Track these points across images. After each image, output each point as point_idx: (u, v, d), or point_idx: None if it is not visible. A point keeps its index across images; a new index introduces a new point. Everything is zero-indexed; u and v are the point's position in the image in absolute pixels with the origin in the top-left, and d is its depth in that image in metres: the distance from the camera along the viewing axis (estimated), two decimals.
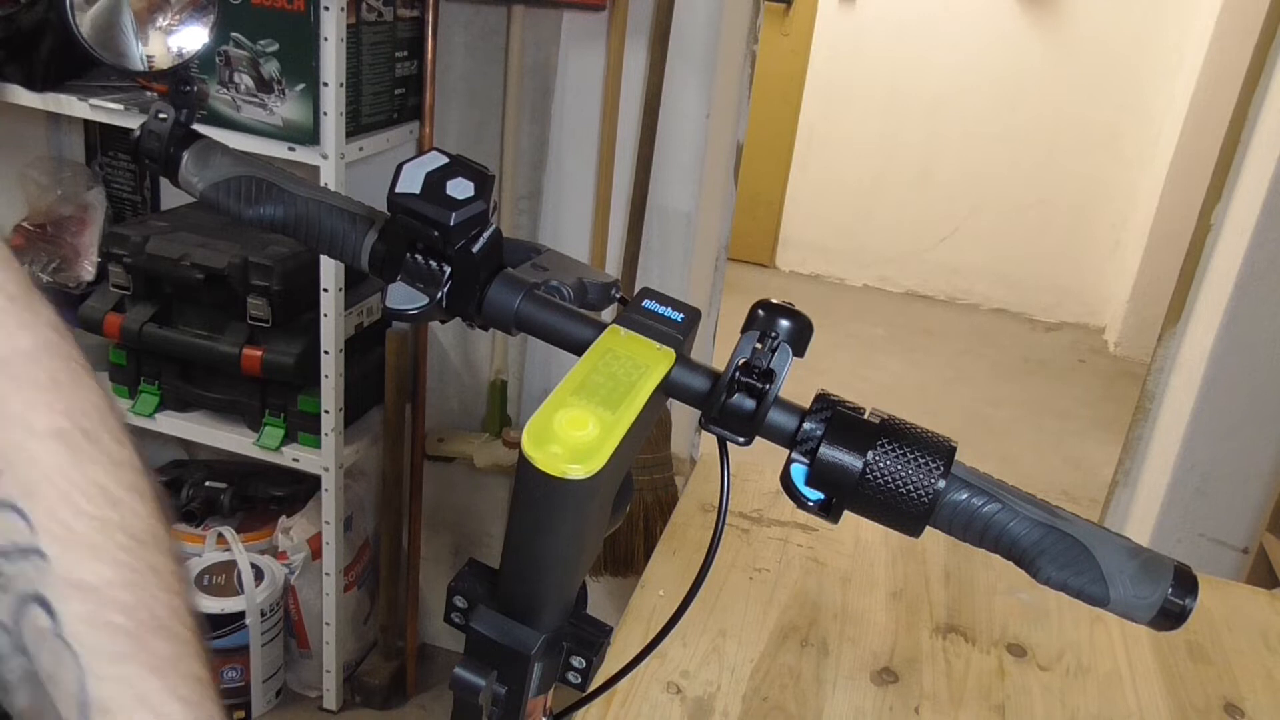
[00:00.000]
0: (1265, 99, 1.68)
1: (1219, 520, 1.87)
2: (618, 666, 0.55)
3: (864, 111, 4.61)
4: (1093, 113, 4.31)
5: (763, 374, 0.47)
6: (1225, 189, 1.72)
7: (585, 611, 0.50)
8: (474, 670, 0.46)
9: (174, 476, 2.02)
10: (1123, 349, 4.34)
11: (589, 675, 0.49)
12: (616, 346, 0.47)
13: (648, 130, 1.80)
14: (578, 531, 0.44)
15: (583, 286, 0.53)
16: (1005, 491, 0.48)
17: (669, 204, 1.87)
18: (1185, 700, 0.97)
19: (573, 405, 0.42)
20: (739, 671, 0.94)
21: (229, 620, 1.84)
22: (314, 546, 1.97)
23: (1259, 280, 1.73)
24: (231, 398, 1.84)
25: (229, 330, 1.76)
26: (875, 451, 0.46)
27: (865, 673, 0.96)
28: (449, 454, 2.05)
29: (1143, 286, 4.16)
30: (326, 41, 1.53)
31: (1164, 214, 4.03)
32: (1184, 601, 0.47)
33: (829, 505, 0.47)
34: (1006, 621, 1.06)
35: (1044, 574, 0.47)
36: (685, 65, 1.78)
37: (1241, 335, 1.76)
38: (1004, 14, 4.34)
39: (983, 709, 0.93)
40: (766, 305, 0.48)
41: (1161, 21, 4.14)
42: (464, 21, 1.85)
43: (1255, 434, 1.80)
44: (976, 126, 4.49)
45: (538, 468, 0.40)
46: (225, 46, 1.58)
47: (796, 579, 1.09)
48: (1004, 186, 4.54)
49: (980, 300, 4.79)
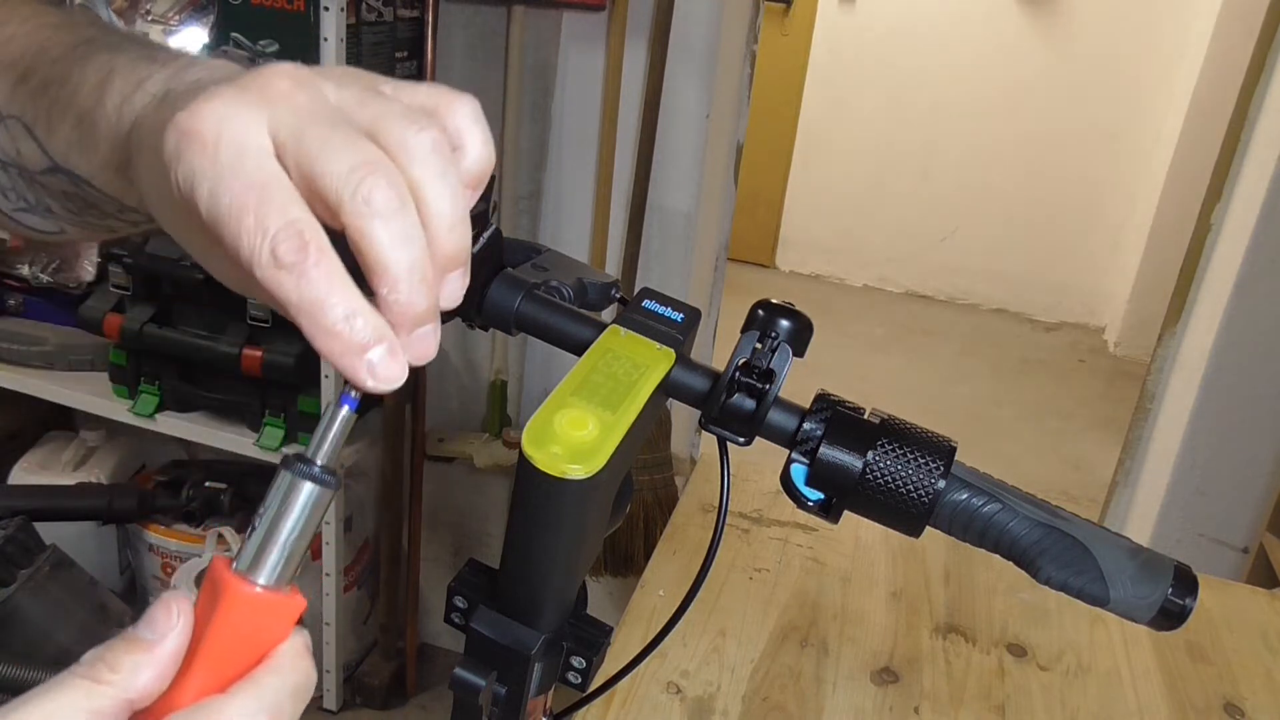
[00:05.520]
0: (1265, 99, 1.68)
1: (1219, 520, 1.87)
2: (618, 666, 0.55)
3: (864, 111, 4.61)
4: (1093, 112, 4.31)
5: (763, 374, 0.47)
6: (1225, 189, 1.72)
7: (585, 611, 0.50)
8: (474, 670, 0.46)
9: (174, 476, 2.02)
10: (1123, 349, 4.34)
11: (589, 675, 0.49)
12: (616, 346, 0.47)
13: (648, 130, 1.80)
14: (578, 531, 0.44)
15: (583, 286, 0.53)
16: (1005, 491, 0.47)
17: (669, 204, 1.87)
18: (1185, 700, 0.97)
19: (573, 405, 0.42)
20: (739, 671, 0.94)
21: None
22: (314, 546, 1.97)
23: (1259, 280, 1.73)
24: (231, 398, 1.84)
25: (229, 330, 1.76)
26: (875, 451, 0.46)
27: (865, 673, 0.96)
28: (449, 454, 2.05)
29: (1143, 286, 4.16)
30: (326, 41, 1.53)
31: (1164, 214, 4.03)
32: (1184, 601, 0.46)
33: (829, 505, 0.47)
34: (1006, 621, 1.06)
35: (1044, 574, 0.47)
36: (685, 65, 1.78)
37: (1241, 335, 1.76)
38: (1004, 14, 4.34)
39: (983, 709, 0.93)
40: (766, 305, 0.48)
41: (1161, 22, 4.13)
42: (464, 21, 1.85)
43: (1255, 434, 1.80)
44: (976, 126, 4.49)
45: (538, 468, 0.40)
46: (225, 46, 1.58)
47: (796, 579, 1.09)
48: (1004, 186, 4.54)
49: (980, 300, 4.79)
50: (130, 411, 1.86)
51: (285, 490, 0.33)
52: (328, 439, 0.34)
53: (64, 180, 0.42)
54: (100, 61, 0.40)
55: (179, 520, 1.99)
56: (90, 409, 1.92)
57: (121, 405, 1.87)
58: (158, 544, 2.00)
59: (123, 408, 1.87)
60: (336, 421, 0.34)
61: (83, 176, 0.41)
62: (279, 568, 0.33)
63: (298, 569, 0.34)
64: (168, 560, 2.00)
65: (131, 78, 0.39)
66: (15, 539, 1.27)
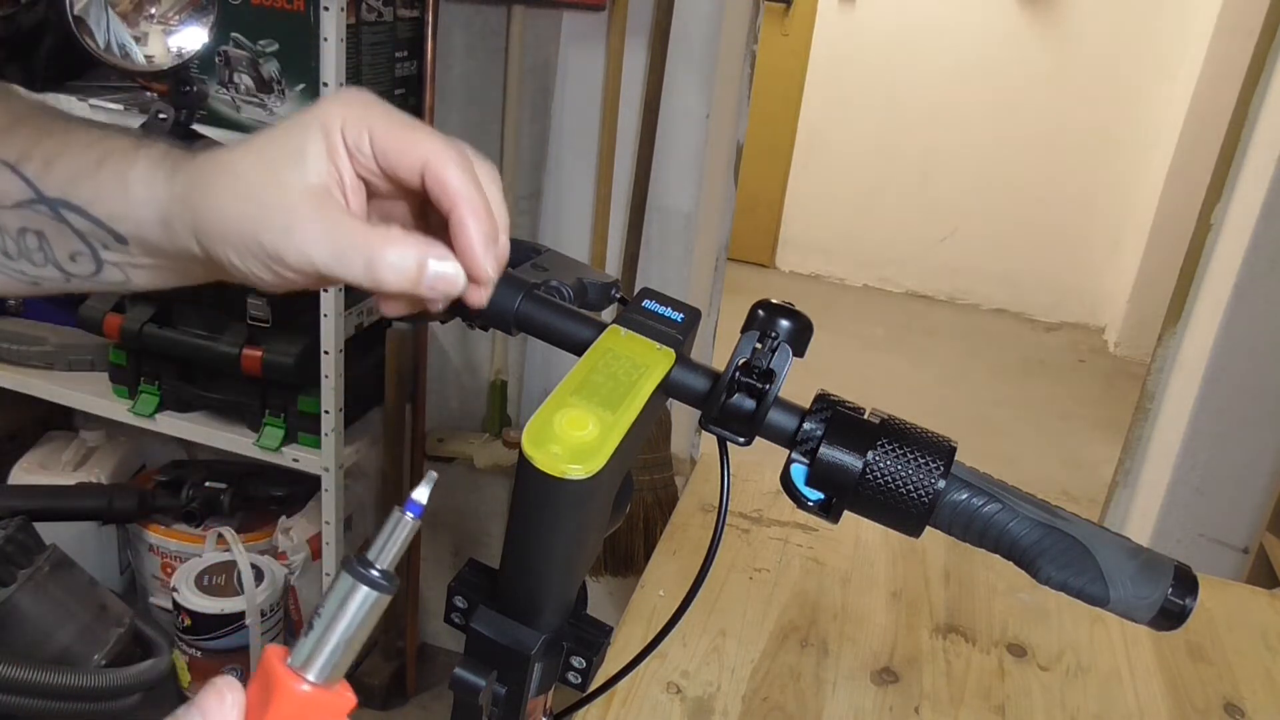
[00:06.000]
0: (1265, 99, 1.68)
1: (1219, 520, 1.87)
2: (618, 666, 0.55)
3: (864, 111, 4.61)
4: (1093, 112, 4.31)
5: (763, 374, 0.47)
6: (1225, 189, 1.72)
7: (585, 611, 0.50)
8: (474, 670, 0.46)
9: (174, 476, 2.02)
10: (1123, 349, 4.33)
11: (589, 675, 0.49)
12: (616, 346, 0.47)
13: (648, 130, 1.80)
14: (578, 531, 0.44)
15: (583, 286, 0.53)
16: (1005, 491, 0.47)
17: (669, 204, 1.87)
18: (1185, 700, 0.97)
19: (573, 405, 0.42)
20: (739, 671, 0.94)
21: (229, 620, 1.84)
22: (314, 547, 1.97)
23: (1259, 280, 1.73)
24: (231, 398, 1.83)
25: (229, 330, 1.76)
26: (875, 451, 0.46)
27: (865, 673, 0.96)
28: (449, 454, 2.05)
29: (1143, 286, 4.16)
30: (326, 41, 1.53)
31: (1164, 214, 4.03)
32: (1184, 601, 0.46)
33: (829, 505, 0.47)
34: (1006, 621, 1.06)
35: (1044, 574, 0.47)
36: (685, 65, 1.78)
37: (1241, 335, 1.76)
38: (1004, 14, 4.34)
39: (983, 709, 0.93)
40: (766, 305, 0.48)
41: (1161, 22, 4.14)
42: (464, 21, 1.85)
43: (1255, 434, 1.80)
44: (976, 126, 4.49)
45: (538, 468, 0.40)
46: (225, 46, 1.58)
47: (796, 579, 1.09)
48: (1004, 186, 4.54)
49: (980, 300, 4.79)
50: (130, 411, 1.86)
51: (345, 593, 0.35)
52: (390, 544, 0.36)
53: (44, 212, 0.46)
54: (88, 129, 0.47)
55: (179, 520, 1.99)
56: (90, 409, 1.92)
57: (121, 405, 1.87)
58: (158, 544, 2.00)
59: (123, 408, 1.87)
60: (400, 528, 0.36)
61: (79, 205, 0.46)
62: (332, 666, 0.34)
63: (349, 666, 0.35)
64: (168, 560, 2.00)
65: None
66: (15, 539, 1.27)
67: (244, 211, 0.42)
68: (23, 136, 0.47)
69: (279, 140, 0.43)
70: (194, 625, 1.84)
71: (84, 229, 0.46)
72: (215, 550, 1.94)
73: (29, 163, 0.46)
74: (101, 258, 0.47)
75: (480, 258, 0.43)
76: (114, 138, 0.46)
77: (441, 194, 0.42)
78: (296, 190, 0.42)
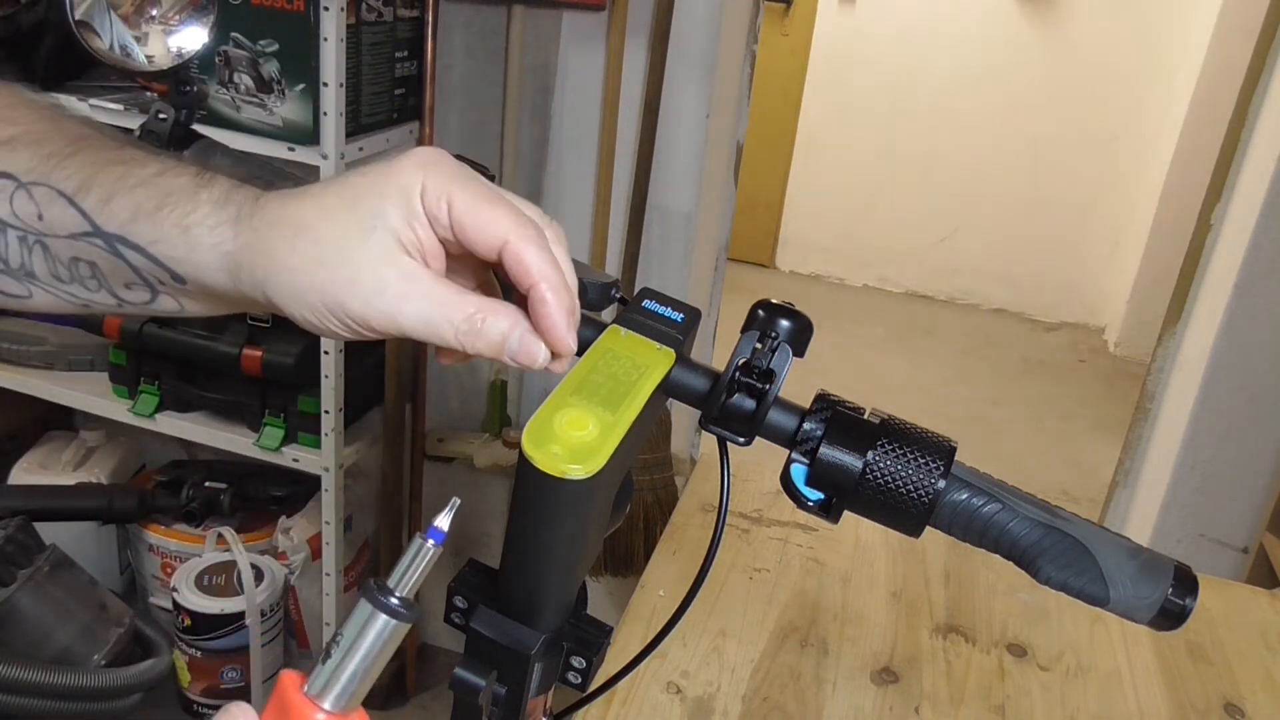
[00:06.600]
0: (1265, 99, 1.68)
1: (1219, 520, 1.87)
2: (618, 666, 0.55)
3: (864, 111, 4.61)
4: (1092, 112, 4.31)
5: (763, 374, 0.47)
6: (1225, 189, 1.72)
7: (585, 611, 0.50)
8: (474, 670, 0.46)
9: (174, 476, 2.02)
10: (1123, 349, 4.33)
11: (589, 675, 0.49)
12: (616, 346, 0.47)
13: (648, 130, 1.80)
14: (578, 531, 0.44)
15: (582, 286, 0.53)
16: (1005, 491, 0.47)
17: (669, 204, 1.87)
18: (1185, 700, 0.97)
19: (573, 405, 0.42)
20: (739, 671, 0.94)
21: (229, 620, 1.84)
22: (314, 546, 1.97)
23: (1259, 280, 1.73)
24: (231, 398, 1.83)
25: (229, 330, 1.76)
26: (875, 451, 0.46)
27: (865, 673, 0.96)
28: (449, 454, 2.05)
29: (1143, 286, 4.16)
30: (326, 41, 1.53)
31: (1164, 214, 4.03)
32: (1184, 601, 0.46)
33: (829, 505, 0.47)
34: (1006, 621, 1.06)
35: (1044, 574, 0.47)
36: (685, 65, 1.78)
37: (1241, 335, 1.76)
38: (1004, 14, 4.34)
39: (983, 709, 0.93)
40: (766, 305, 0.48)
41: (1162, 22, 4.13)
42: (464, 21, 1.85)
43: (1255, 434, 1.80)
44: (976, 126, 4.49)
45: (538, 468, 0.40)
46: (225, 46, 1.58)
47: (796, 579, 1.09)
48: (1004, 186, 4.54)
49: (980, 300, 4.79)
50: (130, 411, 1.86)
51: (364, 621, 0.35)
52: (411, 572, 0.36)
53: (100, 245, 0.45)
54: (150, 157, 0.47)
55: (179, 520, 1.99)
56: (90, 409, 1.92)
57: (121, 405, 1.87)
58: (158, 544, 2.00)
59: (123, 408, 1.87)
60: (422, 555, 0.36)
61: (138, 244, 0.45)
62: (349, 695, 0.34)
63: (365, 693, 0.35)
64: (168, 560, 2.00)
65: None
66: (15, 539, 1.27)
67: (323, 276, 0.42)
68: (81, 165, 0.46)
69: (355, 202, 0.43)
70: (194, 625, 1.84)
71: (141, 265, 0.45)
72: (215, 550, 1.94)
73: (87, 196, 0.45)
74: (158, 290, 0.47)
75: (564, 335, 0.44)
76: (174, 173, 0.46)
77: (522, 274, 0.43)
78: (380, 257, 0.42)
